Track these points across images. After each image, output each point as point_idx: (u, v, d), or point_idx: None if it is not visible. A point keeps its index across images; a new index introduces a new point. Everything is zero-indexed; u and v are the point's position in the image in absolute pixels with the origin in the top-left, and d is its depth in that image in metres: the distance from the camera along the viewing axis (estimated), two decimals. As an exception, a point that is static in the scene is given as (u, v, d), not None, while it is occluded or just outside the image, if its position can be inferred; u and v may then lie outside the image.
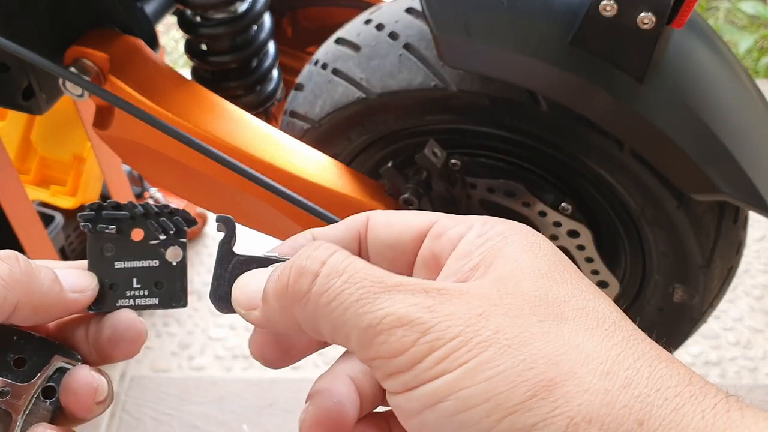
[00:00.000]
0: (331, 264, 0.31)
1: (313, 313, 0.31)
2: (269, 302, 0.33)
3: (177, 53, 2.29)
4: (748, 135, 0.65)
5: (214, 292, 0.36)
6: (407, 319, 0.29)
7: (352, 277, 0.30)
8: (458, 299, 0.30)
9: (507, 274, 0.31)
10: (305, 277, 0.31)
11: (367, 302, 0.30)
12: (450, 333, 0.29)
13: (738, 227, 0.73)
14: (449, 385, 0.28)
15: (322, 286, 0.30)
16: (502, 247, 0.33)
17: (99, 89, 0.70)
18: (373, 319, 0.29)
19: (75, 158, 1.34)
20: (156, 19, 0.84)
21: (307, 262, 0.31)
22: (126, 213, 0.38)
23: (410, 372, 0.28)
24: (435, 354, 0.28)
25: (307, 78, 0.78)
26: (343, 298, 0.30)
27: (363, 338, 0.29)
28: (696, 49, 0.65)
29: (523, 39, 0.62)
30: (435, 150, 0.71)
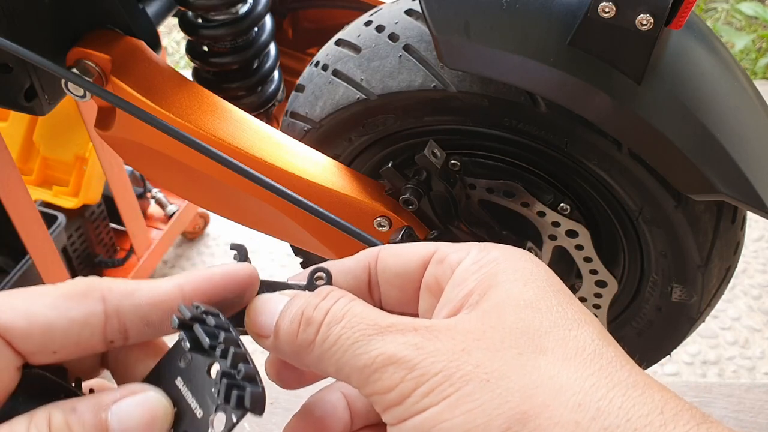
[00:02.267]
0: (333, 312, 0.34)
1: (319, 357, 0.34)
2: (279, 340, 0.35)
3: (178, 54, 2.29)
4: (746, 135, 0.65)
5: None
6: (396, 357, 0.32)
7: (350, 322, 0.34)
8: (444, 335, 0.32)
9: (495, 306, 0.33)
10: (311, 327, 0.34)
11: (363, 344, 0.33)
12: (434, 369, 0.31)
13: (736, 227, 0.73)
14: (433, 418, 0.30)
15: (324, 335, 0.34)
16: (495, 273, 0.35)
17: (101, 90, 0.70)
18: (368, 359, 0.32)
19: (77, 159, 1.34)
20: (158, 21, 0.84)
21: (314, 313, 0.34)
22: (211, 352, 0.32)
23: (401, 406, 0.31)
24: (421, 389, 0.31)
25: (307, 79, 0.78)
26: (342, 343, 0.33)
27: (361, 377, 0.32)
28: (694, 50, 0.66)
29: (522, 40, 0.62)
30: (435, 150, 0.71)
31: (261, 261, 1.64)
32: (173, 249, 1.66)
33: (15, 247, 1.18)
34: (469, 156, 0.76)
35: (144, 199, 1.55)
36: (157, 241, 1.52)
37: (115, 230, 1.50)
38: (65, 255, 1.36)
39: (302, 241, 0.82)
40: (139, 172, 1.42)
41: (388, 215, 0.74)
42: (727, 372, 1.35)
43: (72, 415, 0.31)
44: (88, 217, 1.40)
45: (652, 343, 0.83)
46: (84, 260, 1.43)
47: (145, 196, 1.56)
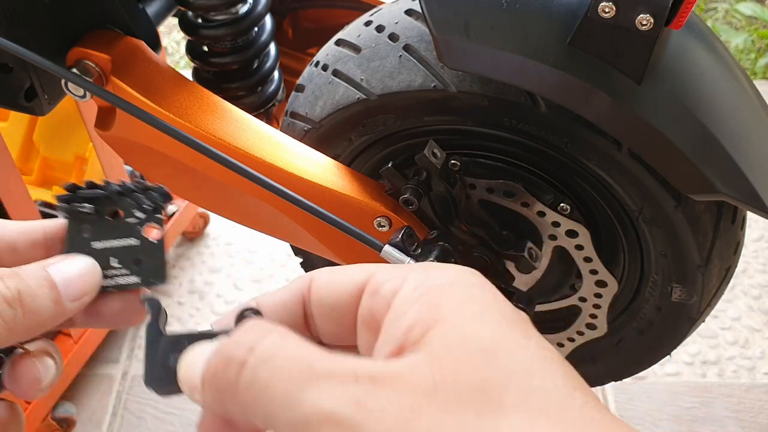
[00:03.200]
0: (259, 351, 0.29)
1: (243, 406, 0.29)
2: (205, 389, 0.31)
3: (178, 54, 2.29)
4: (746, 135, 0.65)
5: (149, 375, 0.33)
6: (333, 416, 0.27)
7: (280, 365, 0.29)
8: (390, 388, 0.28)
9: (445, 350, 0.29)
10: (232, 368, 0.29)
11: (293, 395, 0.28)
12: (380, 428, 0.27)
13: (736, 227, 0.73)
14: None
15: (248, 377, 0.29)
16: (438, 304, 0.30)
17: (101, 90, 0.70)
18: (299, 416, 0.28)
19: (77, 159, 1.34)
20: (158, 21, 0.84)
21: (235, 350, 0.30)
22: (102, 192, 0.38)
23: None
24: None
25: (307, 79, 0.78)
26: (269, 391, 0.28)
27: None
28: (694, 50, 0.66)
29: (522, 40, 0.62)
30: (435, 150, 0.71)
31: (261, 261, 1.64)
32: (173, 249, 1.66)
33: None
34: (469, 156, 0.76)
35: (144, 199, 1.55)
36: (157, 241, 1.51)
37: (115, 230, 1.50)
38: (65, 255, 1.36)
39: (302, 241, 0.82)
40: (139, 172, 1.42)
41: (388, 215, 0.74)
42: (727, 372, 1.35)
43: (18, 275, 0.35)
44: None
45: (652, 343, 0.83)
46: (84, 260, 1.43)
47: (145, 196, 1.56)
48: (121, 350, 1.49)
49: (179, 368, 0.32)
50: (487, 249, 0.77)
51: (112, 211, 0.38)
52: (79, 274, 0.37)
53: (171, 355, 0.33)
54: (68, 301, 0.36)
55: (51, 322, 0.36)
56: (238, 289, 1.57)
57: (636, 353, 0.85)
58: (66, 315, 0.36)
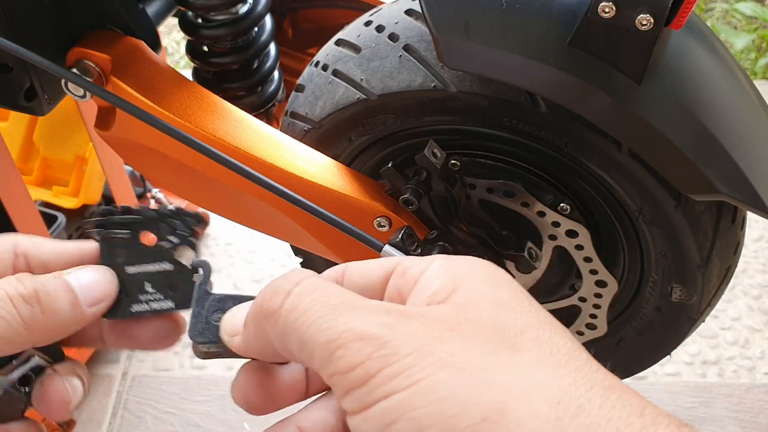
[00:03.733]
0: (305, 284, 0.32)
1: (283, 330, 0.31)
2: (248, 326, 0.34)
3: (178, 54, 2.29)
4: (746, 135, 0.65)
5: (193, 328, 0.37)
6: (365, 333, 0.29)
7: (321, 296, 0.31)
8: (417, 320, 0.30)
9: (467, 301, 0.32)
10: (278, 295, 0.32)
11: (330, 318, 0.30)
12: (405, 350, 0.29)
13: (736, 227, 0.73)
14: (402, 405, 0.28)
15: (291, 303, 0.31)
16: (462, 275, 0.33)
17: (101, 90, 0.70)
18: (334, 333, 0.30)
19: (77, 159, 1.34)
20: (158, 21, 0.84)
21: (282, 282, 0.32)
22: (136, 216, 0.38)
23: (364, 387, 0.29)
24: (388, 369, 0.28)
25: (307, 79, 0.78)
26: (309, 315, 0.31)
27: (324, 353, 0.30)
28: (694, 50, 0.66)
29: (522, 40, 0.62)
30: (435, 150, 0.71)
31: (261, 261, 1.64)
32: (173, 249, 1.66)
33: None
34: (469, 156, 0.76)
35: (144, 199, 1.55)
36: (157, 241, 1.51)
37: (115, 230, 1.50)
38: (65, 255, 1.35)
39: (302, 241, 0.82)
40: (139, 172, 1.42)
41: (388, 215, 0.74)
42: (727, 372, 1.35)
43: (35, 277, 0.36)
44: (88, 217, 1.40)
45: (652, 343, 0.83)
46: (84, 260, 1.43)
47: (145, 196, 1.56)
48: (120, 350, 1.49)
49: (224, 318, 0.36)
50: (487, 249, 0.77)
51: (145, 235, 0.39)
52: (94, 280, 0.38)
53: (215, 314, 0.36)
54: (86, 306, 0.37)
55: (70, 326, 0.37)
56: (238, 289, 1.57)
57: (636, 353, 0.85)
58: (84, 320, 0.37)
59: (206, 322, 0.36)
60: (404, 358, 0.28)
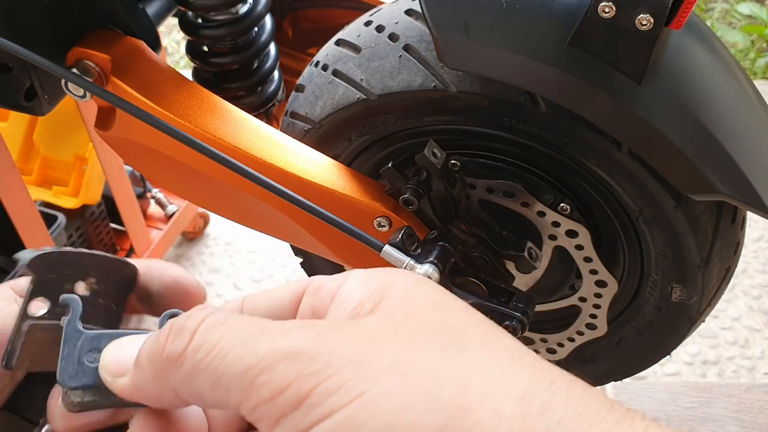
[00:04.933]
0: (211, 319, 0.28)
1: (190, 372, 0.27)
2: (141, 366, 0.29)
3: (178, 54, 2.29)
4: (746, 135, 0.65)
5: (63, 372, 0.32)
6: (290, 351, 0.26)
7: (232, 326, 0.27)
8: (347, 331, 0.27)
9: (400, 304, 0.28)
10: (183, 336, 0.28)
11: (247, 344, 0.26)
12: (339, 362, 0.25)
13: (736, 227, 0.73)
14: (346, 422, 0.24)
15: (198, 341, 0.27)
16: (388, 283, 0.30)
17: (101, 90, 0.70)
18: (253, 359, 0.26)
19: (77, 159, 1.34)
20: (158, 21, 0.84)
21: (186, 322, 0.28)
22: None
23: (298, 411, 0.24)
24: (323, 385, 0.25)
25: (307, 79, 0.78)
26: (221, 346, 0.27)
27: (243, 384, 0.26)
28: (694, 50, 0.66)
29: (522, 40, 0.62)
30: (435, 150, 0.71)
31: (261, 261, 1.64)
32: (173, 249, 1.66)
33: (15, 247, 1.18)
34: (469, 156, 0.76)
35: (144, 199, 1.55)
36: (157, 241, 1.52)
37: (115, 230, 1.50)
38: (65, 255, 1.35)
39: (302, 241, 0.82)
40: (139, 172, 1.42)
41: (388, 215, 0.74)
42: (727, 372, 1.35)
43: None
44: (88, 217, 1.40)
45: (652, 343, 0.83)
46: (84, 260, 1.42)
47: (145, 196, 1.56)
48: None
49: (105, 355, 0.31)
50: (487, 249, 0.77)
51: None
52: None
53: (89, 353, 0.32)
54: None
55: None
56: (238, 288, 1.57)
57: (636, 353, 0.85)
58: None
59: (78, 363, 0.31)
60: (340, 370, 0.25)
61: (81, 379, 0.31)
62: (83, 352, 0.32)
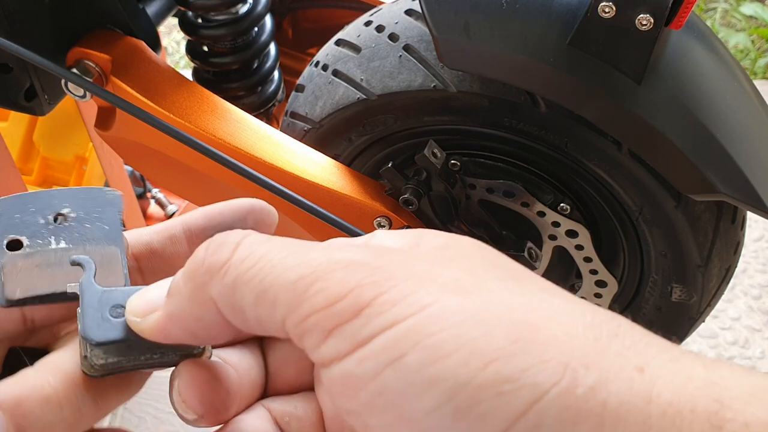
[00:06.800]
0: (255, 235, 0.27)
1: (233, 283, 0.25)
2: (177, 290, 0.27)
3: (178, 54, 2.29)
4: (746, 135, 0.65)
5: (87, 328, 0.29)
6: (349, 260, 0.24)
7: (278, 241, 0.26)
8: (401, 253, 0.26)
9: (442, 245, 0.27)
10: (226, 247, 0.26)
11: (299, 255, 0.25)
12: (401, 274, 0.24)
13: (736, 227, 0.73)
14: (412, 333, 0.22)
15: (244, 251, 0.25)
16: (426, 232, 0.28)
17: (101, 90, 0.70)
18: (306, 268, 0.24)
19: (77, 159, 1.34)
20: (158, 21, 0.84)
21: (229, 236, 0.27)
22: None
23: (358, 320, 0.23)
24: (388, 295, 0.23)
25: (307, 79, 0.78)
26: (270, 257, 0.25)
27: (293, 293, 0.24)
28: (694, 50, 0.66)
29: (522, 40, 0.62)
30: (435, 150, 0.71)
31: (261, 261, 1.64)
32: (173, 249, 1.65)
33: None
34: (469, 156, 0.76)
35: (144, 199, 1.55)
36: (156, 241, 1.51)
37: (114, 230, 1.50)
38: (65, 255, 1.35)
39: (302, 241, 0.82)
40: (139, 172, 1.42)
41: (388, 215, 0.74)
42: (727, 372, 1.35)
43: None
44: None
45: (652, 343, 0.83)
46: (84, 260, 1.43)
47: (144, 196, 1.56)
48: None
49: (132, 301, 0.29)
50: (487, 249, 0.77)
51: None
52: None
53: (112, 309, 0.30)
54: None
55: None
56: (238, 289, 1.57)
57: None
58: None
59: (102, 319, 0.30)
60: (403, 282, 0.23)
61: (107, 333, 0.29)
62: (105, 308, 0.30)
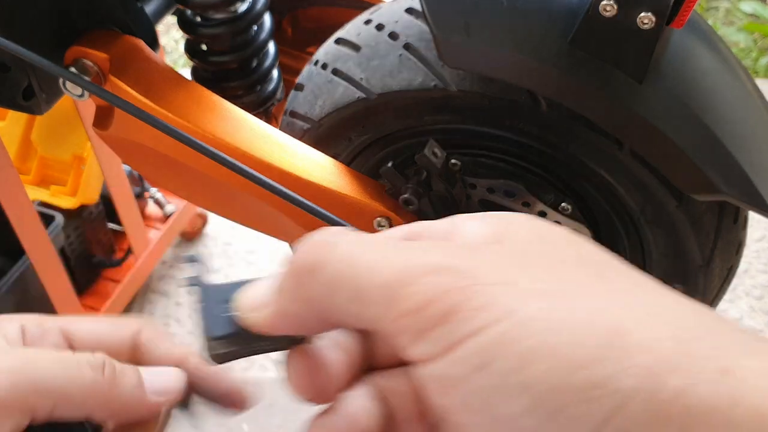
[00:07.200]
0: (351, 234, 0.28)
1: (330, 281, 0.27)
2: (284, 288, 0.29)
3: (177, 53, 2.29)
4: (748, 135, 0.65)
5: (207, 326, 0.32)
6: (440, 264, 0.25)
7: (372, 240, 0.28)
8: (485, 253, 0.27)
9: (528, 238, 0.28)
10: (324, 247, 0.28)
11: (390, 256, 0.26)
12: (487, 279, 0.25)
13: (738, 227, 0.73)
14: (500, 338, 0.23)
15: (340, 250, 0.27)
16: (512, 220, 0.29)
17: (99, 89, 0.70)
18: (397, 270, 0.26)
19: (75, 158, 1.34)
20: (156, 20, 0.84)
21: (324, 235, 0.28)
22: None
23: (448, 324, 0.24)
24: (474, 301, 0.24)
25: (307, 78, 0.78)
26: (364, 258, 0.27)
27: (386, 294, 0.25)
28: (696, 49, 0.65)
29: (523, 39, 0.62)
30: (435, 150, 0.71)
31: (260, 261, 1.63)
32: (171, 249, 1.65)
33: (13, 247, 1.18)
34: (470, 155, 0.76)
35: (142, 199, 1.55)
36: (155, 242, 1.51)
37: (113, 230, 1.50)
38: (63, 255, 1.35)
39: (301, 241, 0.82)
40: (138, 172, 1.42)
41: (388, 215, 0.74)
42: (728, 372, 1.35)
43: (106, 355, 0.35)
44: (86, 217, 1.40)
45: (653, 344, 0.83)
46: (82, 260, 1.42)
47: (143, 196, 1.56)
48: (119, 350, 1.48)
49: (240, 297, 0.32)
50: (487, 249, 0.77)
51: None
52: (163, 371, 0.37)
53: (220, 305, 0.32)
54: (150, 392, 0.35)
55: (129, 406, 0.35)
56: (238, 289, 1.57)
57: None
58: (146, 405, 0.35)
59: (214, 315, 0.32)
60: (489, 287, 0.24)
61: (222, 328, 0.32)
62: (215, 304, 0.33)
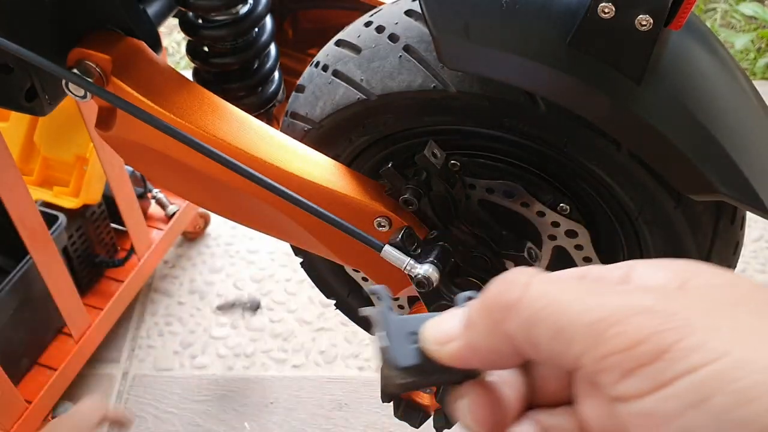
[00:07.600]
0: (543, 275, 0.29)
1: (528, 320, 0.28)
2: (474, 323, 0.30)
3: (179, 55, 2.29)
4: (746, 136, 0.65)
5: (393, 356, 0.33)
6: (642, 307, 0.26)
7: (568, 282, 0.29)
8: (683, 297, 0.27)
9: (713, 284, 0.29)
10: (517, 286, 0.29)
11: (593, 298, 0.27)
12: (696, 321, 0.25)
13: (735, 227, 0.73)
14: (713, 378, 0.24)
15: (536, 291, 0.28)
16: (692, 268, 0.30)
17: (101, 91, 0.70)
18: (602, 311, 0.26)
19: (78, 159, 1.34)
20: (158, 21, 0.84)
21: (516, 275, 0.30)
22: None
23: (660, 362, 0.25)
24: (686, 342, 0.25)
25: (307, 80, 0.78)
26: (565, 298, 0.28)
27: (590, 334, 0.26)
28: (694, 50, 0.66)
29: (522, 41, 0.62)
30: (435, 151, 0.71)
31: (261, 261, 1.64)
32: (174, 249, 1.66)
33: (16, 248, 1.18)
34: (469, 156, 0.76)
35: (144, 199, 1.56)
36: (157, 242, 1.52)
37: (115, 230, 1.51)
38: (66, 255, 1.36)
39: (302, 241, 0.82)
40: (140, 173, 1.43)
41: (388, 215, 0.74)
42: (727, 372, 1.35)
43: None
44: (88, 217, 1.40)
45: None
46: (85, 260, 1.43)
47: (145, 196, 1.56)
48: (121, 350, 1.49)
49: (426, 329, 0.32)
50: (486, 249, 0.77)
51: None
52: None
53: (405, 337, 0.33)
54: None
55: None
56: (239, 289, 1.58)
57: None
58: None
59: (402, 345, 0.33)
60: (700, 330, 0.25)
61: (408, 359, 0.32)
62: (403, 335, 0.33)
